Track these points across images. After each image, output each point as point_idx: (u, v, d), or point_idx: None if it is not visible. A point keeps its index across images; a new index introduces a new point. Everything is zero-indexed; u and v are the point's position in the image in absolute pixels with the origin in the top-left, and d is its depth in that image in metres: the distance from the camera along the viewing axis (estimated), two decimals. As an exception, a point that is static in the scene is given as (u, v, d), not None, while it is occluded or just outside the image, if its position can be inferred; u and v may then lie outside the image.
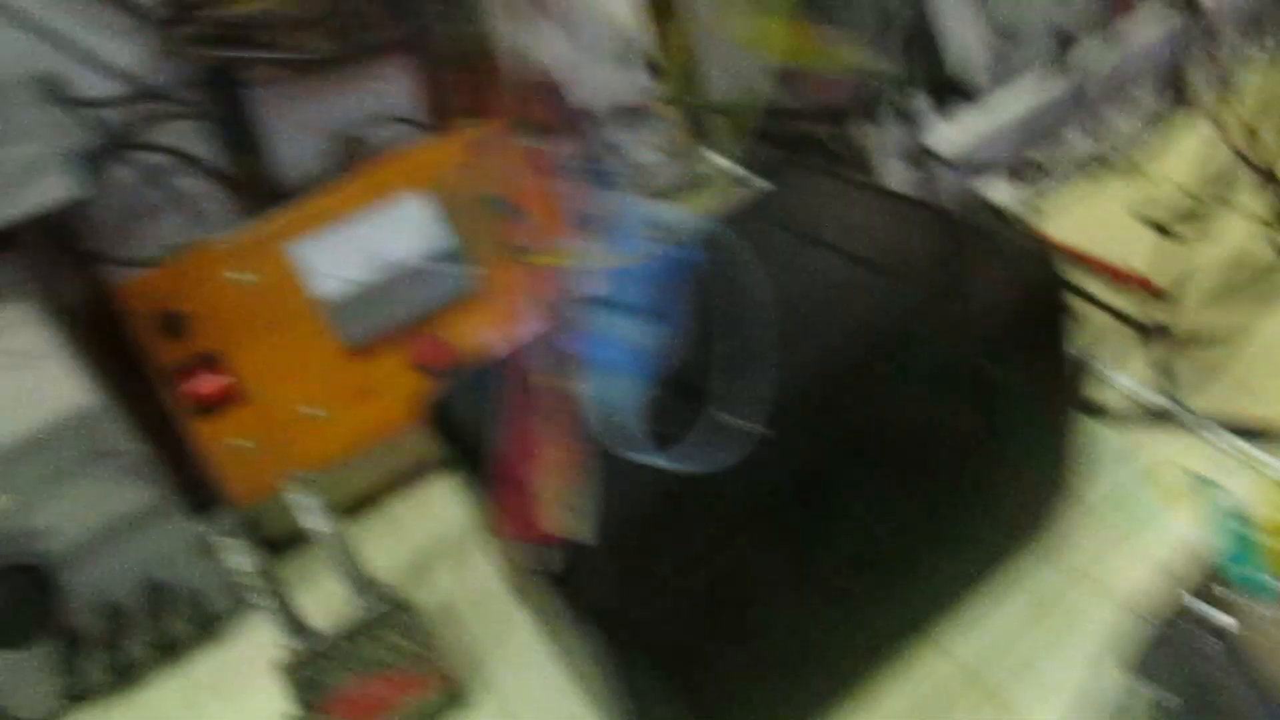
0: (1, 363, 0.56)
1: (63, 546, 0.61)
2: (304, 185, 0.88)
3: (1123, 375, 1.00)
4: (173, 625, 0.85)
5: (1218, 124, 0.98)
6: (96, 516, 0.62)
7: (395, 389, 0.78)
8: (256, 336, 0.78)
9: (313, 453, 0.77)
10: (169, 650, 0.88)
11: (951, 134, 1.14)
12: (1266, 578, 0.61)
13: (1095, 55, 1.20)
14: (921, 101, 1.14)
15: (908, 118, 1.13)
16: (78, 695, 0.77)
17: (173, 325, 0.73)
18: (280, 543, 0.88)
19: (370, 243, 0.78)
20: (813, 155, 1.18)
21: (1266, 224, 1.05)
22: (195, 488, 0.75)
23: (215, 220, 0.90)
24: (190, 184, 0.90)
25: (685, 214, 0.78)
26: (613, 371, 0.64)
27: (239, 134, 0.85)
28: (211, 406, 0.75)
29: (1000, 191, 1.23)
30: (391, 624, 0.83)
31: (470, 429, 0.68)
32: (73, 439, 0.59)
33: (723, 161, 1.38)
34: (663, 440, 0.60)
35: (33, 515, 0.60)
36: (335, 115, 0.91)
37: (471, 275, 0.79)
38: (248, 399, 0.77)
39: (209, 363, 0.76)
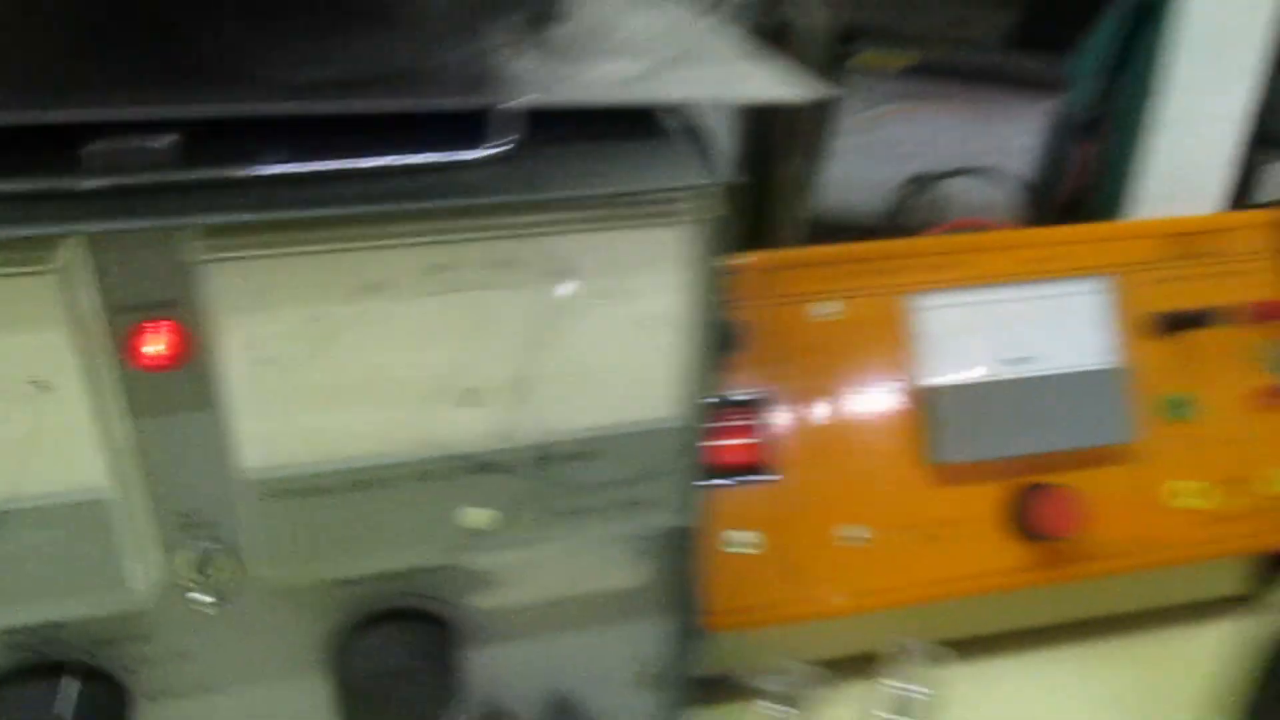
0: (608, 309, 0.37)
1: (497, 606, 0.44)
2: (851, 229, 0.66)
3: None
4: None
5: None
6: (571, 583, 0.45)
7: (980, 541, 0.53)
8: (820, 398, 0.52)
9: (845, 585, 0.51)
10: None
11: None
12: None
13: None
14: None
15: None
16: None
17: (725, 338, 0.49)
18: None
19: (1014, 328, 0.54)
20: None
21: None
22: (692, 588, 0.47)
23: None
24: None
25: None
26: None
27: (798, 134, 0.66)
28: (734, 472, 0.52)
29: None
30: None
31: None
32: (621, 460, 0.40)
33: None
34: None
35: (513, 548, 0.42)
36: (925, 147, 0.67)
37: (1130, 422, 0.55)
38: (783, 477, 0.52)
39: (750, 411, 0.52)
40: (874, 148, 0.67)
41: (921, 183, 0.68)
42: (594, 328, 0.37)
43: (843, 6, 0.62)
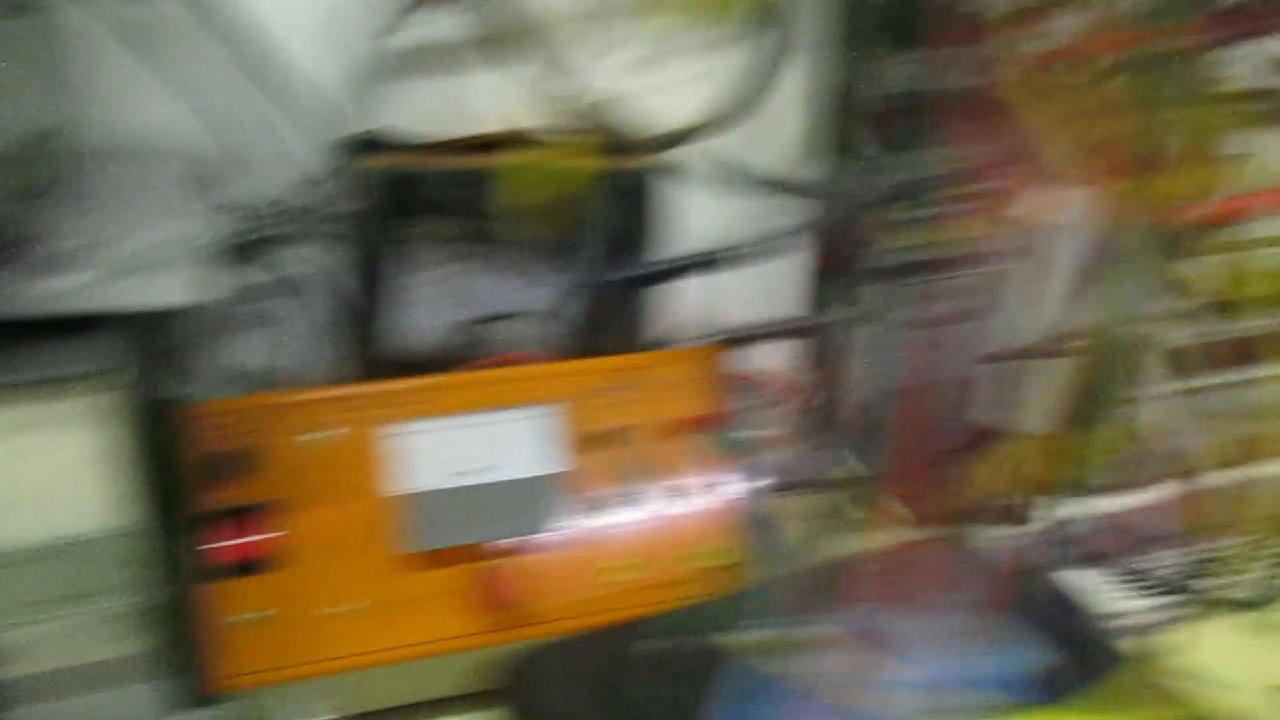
0: (46, 457, 0.53)
1: (21, 675, 0.58)
2: (416, 363, 0.83)
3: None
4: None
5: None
6: (70, 655, 0.59)
7: (447, 611, 0.70)
8: (314, 506, 0.69)
9: (337, 649, 0.67)
10: None
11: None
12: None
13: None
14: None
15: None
16: None
17: (227, 465, 0.66)
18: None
19: (474, 446, 0.73)
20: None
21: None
22: (188, 657, 0.64)
23: (298, 363, 0.86)
24: (289, 315, 0.84)
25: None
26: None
27: (370, 289, 0.82)
28: (243, 567, 0.66)
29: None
30: None
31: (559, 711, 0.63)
32: (86, 561, 0.56)
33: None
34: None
35: (7, 631, 0.56)
36: (477, 299, 0.87)
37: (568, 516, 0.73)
38: (284, 568, 0.67)
39: (255, 518, 0.67)
40: (439, 297, 0.85)
41: (472, 325, 0.87)
42: (35, 468, 0.52)
43: (408, 188, 0.80)
